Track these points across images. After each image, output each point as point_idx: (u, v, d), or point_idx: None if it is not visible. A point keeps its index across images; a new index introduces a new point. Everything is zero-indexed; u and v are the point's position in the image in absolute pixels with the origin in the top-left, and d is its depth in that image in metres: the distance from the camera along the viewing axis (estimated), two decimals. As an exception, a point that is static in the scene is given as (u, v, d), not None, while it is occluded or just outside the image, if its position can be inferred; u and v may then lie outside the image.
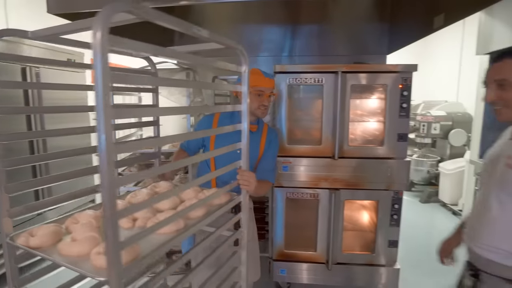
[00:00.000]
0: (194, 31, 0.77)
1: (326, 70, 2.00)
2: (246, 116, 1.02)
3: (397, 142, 2.04)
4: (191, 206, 0.88)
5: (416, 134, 4.64)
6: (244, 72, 1.00)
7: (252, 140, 1.56)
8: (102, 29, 0.53)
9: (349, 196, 2.12)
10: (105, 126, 0.54)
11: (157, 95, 1.40)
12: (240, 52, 0.98)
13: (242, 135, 1.03)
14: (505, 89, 0.96)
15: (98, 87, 0.54)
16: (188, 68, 2.07)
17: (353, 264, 2.18)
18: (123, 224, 0.95)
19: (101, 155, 0.55)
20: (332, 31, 3.09)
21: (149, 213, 0.98)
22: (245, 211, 1.09)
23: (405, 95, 2.00)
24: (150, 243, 0.80)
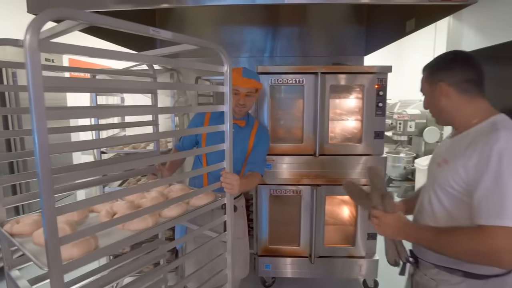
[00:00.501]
0: (152, 32, 0.77)
1: (306, 71, 2.08)
2: (229, 117, 1.05)
3: (374, 140, 2.15)
4: (162, 204, 0.92)
5: (393, 132, 4.84)
6: (226, 72, 1.02)
7: (241, 135, 1.63)
8: (32, 34, 0.55)
9: (329, 192, 2.21)
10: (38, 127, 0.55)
11: (156, 96, 1.37)
12: (220, 52, 1.00)
13: (225, 136, 1.05)
14: (425, 99, 1.11)
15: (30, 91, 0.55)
16: (172, 69, 2.09)
17: (335, 257, 2.27)
18: (101, 218, 1.00)
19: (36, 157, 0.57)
20: (312, 33, 3.18)
21: (128, 210, 1.00)
22: (229, 213, 1.12)
23: (381, 95, 2.11)
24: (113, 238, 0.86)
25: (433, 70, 1.05)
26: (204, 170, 1.06)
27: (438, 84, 1.02)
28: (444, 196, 0.98)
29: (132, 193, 0.99)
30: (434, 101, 1.05)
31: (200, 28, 3.20)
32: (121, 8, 1.63)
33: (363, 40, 3.12)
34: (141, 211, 0.88)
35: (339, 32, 3.15)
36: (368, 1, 3.12)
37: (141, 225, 0.95)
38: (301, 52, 3.22)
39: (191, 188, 1.20)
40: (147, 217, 0.96)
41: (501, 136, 0.86)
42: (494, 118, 0.96)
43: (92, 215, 1.08)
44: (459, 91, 1.00)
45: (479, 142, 0.90)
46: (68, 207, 0.68)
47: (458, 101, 1.01)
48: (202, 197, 1.14)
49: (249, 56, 3.24)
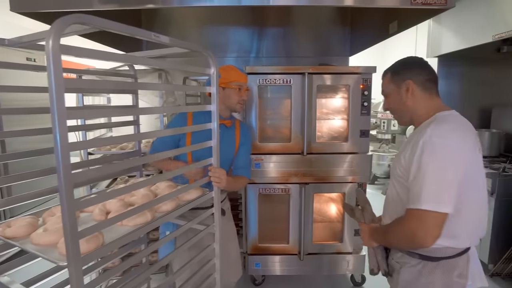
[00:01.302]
0: (153, 37, 0.80)
1: (294, 72, 2.12)
2: (216, 116, 1.07)
3: (360, 138, 2.21)
4: (157, 199, 0.94)
5: (378, 130, 4.97)
6: (212, 74, 1.05)
7: (228, 135, 1.62)
8: (54, 39, 0.58)
9: (317, 190, 2.25)
10: (60, 127, 0.59)
11: (136, 96, 1.38)
12: (208, 55, 1.03)
13: (213, 134, 1.08)
14: (387, 99, 1.19)
15: (52, 91, 0.58)
16: (161, 69, 2.08)
17: (323, 254, 2.32)
18: (95, 217, 1.00)
19: (57, 154, 0.60)
20: (298, 34, 3.23)
21: (122, 208, 1.02)
22: (217, 206, 1.15)
23: (366, 95, 2.17)
24: (116, 233, 0.88)
25: (397, 71, 1.14)
26: (192, 167, 1.08)
27: (405, 82, 1.10)
28: (397, 183, 1.10)
29: (130, 191, 1.00)
30: (400, 100, 1.13)
31: (186, 29, 3.19)
32: (106, 8, 1.62)
33: (348, 41, 3.20)
34: (141, 207, 0.90)
35: (324, 33, 3.21)
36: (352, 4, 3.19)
37: (140, 220, 0.97)
38: (287, 52, 3.26)
39: (178, 185, 1.21)
40: (146, 212, 0.99)
41: (428, 131, 0.97)
42: (437, 114, 1.06)
43: (83, 215, 1.07)
44: (423, 89, 1.09)
45: (415, 136, 1.03)
46: (85, 202, 0.72)
47: (421, 98, 1.10)
48: (192, 192, 1.17)
49: (236, 57, 3.25)
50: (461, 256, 1.02)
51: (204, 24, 3.20)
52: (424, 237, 0.93)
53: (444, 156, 0.93)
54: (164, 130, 1.08)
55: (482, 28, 2.62)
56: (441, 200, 0.91)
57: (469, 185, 0.96)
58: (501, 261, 2.39)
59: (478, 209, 1.03)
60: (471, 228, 1.03)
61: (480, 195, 1.04)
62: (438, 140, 0.94)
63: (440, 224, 0.92)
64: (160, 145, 1.54)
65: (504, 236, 2.42)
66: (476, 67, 3.41)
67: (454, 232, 0.98)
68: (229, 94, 1.55)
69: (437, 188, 0.92)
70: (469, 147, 0.98)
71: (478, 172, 1.02)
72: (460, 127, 1.01)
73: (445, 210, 0.91)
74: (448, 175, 0.92)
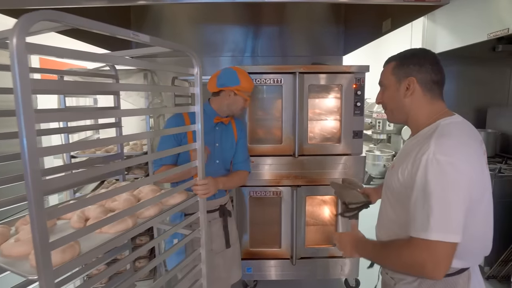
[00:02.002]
0: (132, 36, 0.75)
1: (284, 71, 2.06)
2: (200, 117, 1.02)
3: (353, 139, 2.16)
4: (138, 205, 0.88)
5: (373, 130, 4.93)
6: (196, 74, 1.00)
7: (227, 132, 1.63)
8: (18, 37, 0.54)
9: (309, 192, 2.20)
10: (27, 131, 0.55)
11: (118, 98, 1.33)
12: (191, 55, 0.98)
13: (197, 136, 1.03)
14: (383, 91, 1.06)
15: (18, 93, 0.54)
16: (146, 70, 2.01)
17: (316, 258, 2.26)
18: (73, 224, 0.94)
19: (24, 160, 0.55)
20: (292, 33, 3.18)
21: (102, 214, 0.96)
22: (202, 209, 1.10)
23: (359, 94, 2.11)
24: (95, 242, 0.82)
25: (402, 63, 1.00)
26: (175, 171, 1.02)
27: (407, 78, 0.98)
28: (394, 199, 0.99)
29: (109, 197, 0.94)
30: (396, 96, 1.00)
31: (178, 28, 3.12)
32: (94, 5, 1.55)
33: (342, 40, 3.15)
34: (121, 213, 0.84)
35: (318, 32, 3.17)
36: (345, 0, 3.15)
37: (121, 227, 0.91)
38: (281, 52, 3.22)
39: (161, 189, 1.16)
40: (127, 219, 0.94)
41: (431, 145, 0.86)
42: (438, 122, 0.94)
43: (60, 222, 1.01)
44: (425, 90, 0.97)
45: (415, 149, 0.90)
46: (57, 210, 0.67)
47: (420, 100, 0.98)
48: (176, 196, 1.12)
49: (231, 56, 3.20)
50: (461, 274, 0.93)
51: (197, 24, 3.14)
52: (434, 270, 0.82)
53: (451, 178, 0.82)
54: (147, 132, 1.01)
55: (477, 26, 2.58)
56: (451, 228, 0.81)
57: (475, 204, 0.87)
58: (497, 264, 2.35)
59: (483, 227, 0.93)
60: (475, 247, 0.94)
61: (486, 212, 0.93)
62: (443, 159, 0.82)
63: (451, 254, 0.83)
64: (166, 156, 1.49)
65: (500, 238, 2.36)
66: (471, 67, 3.37)
67: (459, 254, 0.88)
68: (237, 100, 1.56)
69: (446, 215, 0.81)
70: (476, 162, 0.88)
71: (484, 187, 0.91)
72: (466, 140, 0.89)
73: (455, 239, 0.81)
74: (456, 199, 0.82)
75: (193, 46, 3.11)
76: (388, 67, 1.04)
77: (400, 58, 1.01)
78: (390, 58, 1.05)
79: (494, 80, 3.37)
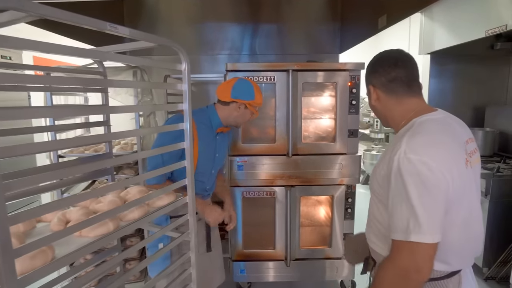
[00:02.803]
0: (109, 28, 0.70)
1: (277, 69, 2.01)
2: (189, 116, 0.98)
3: (348, 138, 2.11)
4: (120, 207, 0.83)
5: (371, 130, 4.88)
6: (184, 70, 0.95)
7: (223, 140, 1.62)
8: None
9: (304, 193, 2.15)
10: None
11: (106, 95, 1.28)
12: (178, 50, 0.93)
13: (185, 135, 0.98)
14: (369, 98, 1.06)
15: None
16: (135, 67, 1.96)
17: (311, 259, 2.22)
18: (53, 227, 0.89)
19: None
20: (289, 31, 3.15)
21: (83, 216, 0.91)
22: (191, 212, 1.05)
23: (354, 93, 2.07)
24: (73, 246, 0.77)
25: (366, 73, 1.05)
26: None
27: (368, 87, 1.02)
28: (375, 197, 0.98)
29: (88, 198, 0.90)
30: (371, 103, 1.05)
31: (175, 27, 3.09)
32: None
33: (338, 38, 3.11)
34: (100, 215, 0.80)
35: (315, 30, 3.14)
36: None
37: (101, 230, 0.87)
38: (278, 50, 3.19)
39: (149, 190, 1.11)
40: (108, 222, 0.89)
41: (402, 145, 0.83)
42: (414, 121, 0.92)
43: (40, 225, 0.97)
44: (387, 92, 0.97)
45: (390, 148, 0.89)
46: (21, 215, 0.61)
47: (388, 102, 0.98)
48: (163, 198, 1.06)
49: (228, 54, 3.17)
50: (451, 278, 0.90)
51: (194, 22, 3.11)
52: (417, 272, 0.80)
53: (424, 177, 0.79)
54: (132, 130, 0.96)
55: (475, 23, 2.54)
56: (429, 229, 0.79)
57: (455, 205, 0.83)
58: (495, 265, 2.31)
59: (468, 229, 0.89)
60: (462, 250, 0.90)
61: (470, 212, 0.89)
62: (415, 158, 0.80)
63: (432, 255, 0.81)
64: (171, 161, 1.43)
65: (498, 238, 2.33)
66: (469, 65, 3.33)
67: (443, 257, 0.86)
68: (246, 114, 1.52)
69: (424, 215, 0.79)
70: (451, 161, 0.83)
71: (466, 188, 0.87)
72: (441, 138, 0.85)
73: (432, 240, 0.79)
74: (432, 199, 0.79)
75: (190, 45, 3.08)
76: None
77: (368, 66, 1.04)
78: None
79: (492, 79, 3.33)
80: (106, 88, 1.17)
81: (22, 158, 0.94)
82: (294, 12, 3.12)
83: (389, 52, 1.00)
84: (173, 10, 3.09)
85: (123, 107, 0.87)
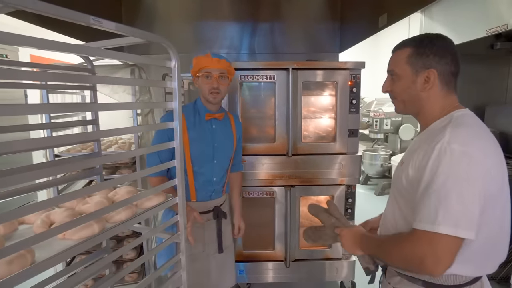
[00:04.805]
0: (92, 22, 0.67)
1: (277, 67, 1.99)
2: (178, 114, 0.95)
3: (349, 138, 2.09)
4: (105, 208, 0.81)
5: (370, 129, 4.87)
6: (174, 67, 0.93)
7: (223, 129, 1.52)
8: None
9: (304, 193, 2.13)
10: None
11: (95, 93, 1.27)
12: (167, 46, 0.91)
13: (175, 134, 0.95)
14: (393, 81, 0.95)
15: None
16: (133, 65, 1.93)
17: (311, 260, 2.20)
18: (36, 229, 0.86)
19: None
20: (288, 30, 3.13)
21: (68, 218, 0.88)
22: (182, 212, 1.03)
23: (354, 92, 2.05)
24: (56, 249, 0.74)
25: (420, 52, 0.88)
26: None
27: (426, 70, 0.87)
28: (401, 198, 0.92)
29: (72, 199, 0.87)
30: (412, 88, 0.90)
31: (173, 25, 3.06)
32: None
33: (338, 37, 3.09)
34: (84, 217, 0.77)
35: (314, 29, 3.11)
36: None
37: (85, 232, 0.83)
38: (277, 49, 3.17)
39: (139, 190, 1.08)
40: (93, 223, 0.85)
41: (446, 134, 0.79)
42: (451, 114, 0.88)
43: (23, 227, 0.93)
44: (443, 83, 0.89)
45: (426, 142, 0.84)
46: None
47: (437, 93, 0.89)
48: (152, 198, 1.03)
49: (226, 53, 3.15)
50: (473, 285, 0.85)
51: (192, 20, 3.09)
52: (434, 265, 0.75)
53: (466, 168, 0.75)
54: (121, 128, 0.92)
55: (475, 22, 2.52)
56: (461, 222, 0.73)
57: (492, 200, 0.79)
58: (496, 265, 2.29)
59: (499, 230, 0.84)
60: (491, 253, 0.85)
61: (504, 214, 0.85)
62: (458, 148, 0.76)
63: (455, 251, 0.76)
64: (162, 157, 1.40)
65: (499, 239, 2.32)
66: (469, 65, 3.30)
67: (468, 258, 0.80)
68: (200, 84, 1.43)
69: (458, 207, 0.74)
70: (493, 154, 0.81)
71: (504, 187, 0.83)
72: (482, 133, 0.83)
73: (465, 235, 0.74)
74: (470, 192, 0.74)
75: (188, 43, 3.06)
76: (401, 54, 0.92)
77: (417, 45, 0.89)
78: (404, 44, 0.93)
79: (492, 79, 3.32)
80: (95, 85, 1.15)
81: (20, 158, 0.92)
82: (293, 11, 3.09)
83: (450, 41, 0.91)
84: (171, 8, 3.06)
85: (111, 105, 0.84)
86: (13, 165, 0.94)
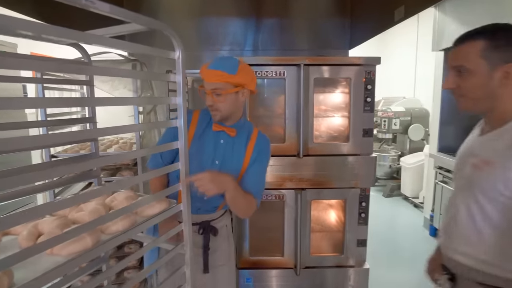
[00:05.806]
0: (84, 3, 0.56)
1: (288, 63, 1.88)
2: (184, 112, 0.84)
3: (363, 138, 1.97)
4: (100, 218, 0.70)
5: (378, 129, 4.74)
6: (177, 59, 0.82)
7: (233, 146, 1.31)
8: None
9: (315, 196, 2.01)
10: None
11: (92, 88, 1.16)
12: (170, 34, 0.80)
13: (179, 133, 0.85)
14: (462, 77, 0.87)
15: None
16: (135, 60, 1.82)
17: (322, 267, 2.08)
18: (21, 242, 0.75)
19: None
20: (295, 26, 3.02)
21: (58, 229, 0.76)
22: (187, 220, 0.92)
23: (369, 89, 1.93)
24: (42, 267, 0.64)
25: (496, 44, 0.81)
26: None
27: (506, 65, 0.80)
28: (491, 206, 0.81)
29: (63, 208, 0.75)
30: (488, 84, 0.83)
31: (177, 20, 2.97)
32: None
33: (348, 33, 2.98)
34: (75, 229, 0.65)
35: (322, 24, 3.00)
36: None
37: (76, 247, 0.71)
38: (284, 45, 3.06)
39: (138, 196, 0.97)
40: (85, 236, 0.73)
41: None
42: None
43: (6, 238, 0.82)
44: None
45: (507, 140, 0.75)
46: None
47: None
48: (154, 206, 0.92)
49: (230, 50, 3.05)
50: None
51: (196, 16, 2.99)
52: None
53: None
54: (116, 127, 0.81)
55: (491, 16, 2.40)
56: None
57: None
58: None
59: None
60: None
61: None
62: None
63: None
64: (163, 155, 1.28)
65: None
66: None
67: None
68: (201, 93, 1.27)
69: None
70: None
71: None
72: None
73: None
74: None
75: (192, 39, 2.95)
76: (472, 47, 0.84)
77: (491, 37, 0.82)
78: (472, 36, 0.85)
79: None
80: (92, 79, 1.04)
81: (20, 159, 0.83)
82: (299, 5, 2.98)
83: None
84: (174, 4, 2.98)
85: (109, 99, 0.73)
86: (13, 165, 0.85)
